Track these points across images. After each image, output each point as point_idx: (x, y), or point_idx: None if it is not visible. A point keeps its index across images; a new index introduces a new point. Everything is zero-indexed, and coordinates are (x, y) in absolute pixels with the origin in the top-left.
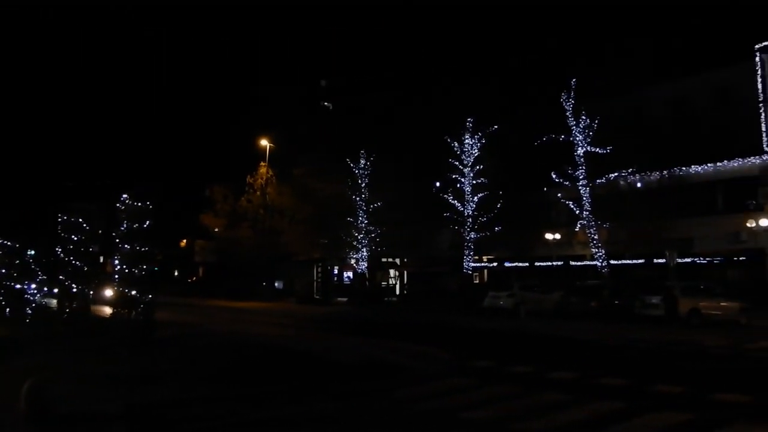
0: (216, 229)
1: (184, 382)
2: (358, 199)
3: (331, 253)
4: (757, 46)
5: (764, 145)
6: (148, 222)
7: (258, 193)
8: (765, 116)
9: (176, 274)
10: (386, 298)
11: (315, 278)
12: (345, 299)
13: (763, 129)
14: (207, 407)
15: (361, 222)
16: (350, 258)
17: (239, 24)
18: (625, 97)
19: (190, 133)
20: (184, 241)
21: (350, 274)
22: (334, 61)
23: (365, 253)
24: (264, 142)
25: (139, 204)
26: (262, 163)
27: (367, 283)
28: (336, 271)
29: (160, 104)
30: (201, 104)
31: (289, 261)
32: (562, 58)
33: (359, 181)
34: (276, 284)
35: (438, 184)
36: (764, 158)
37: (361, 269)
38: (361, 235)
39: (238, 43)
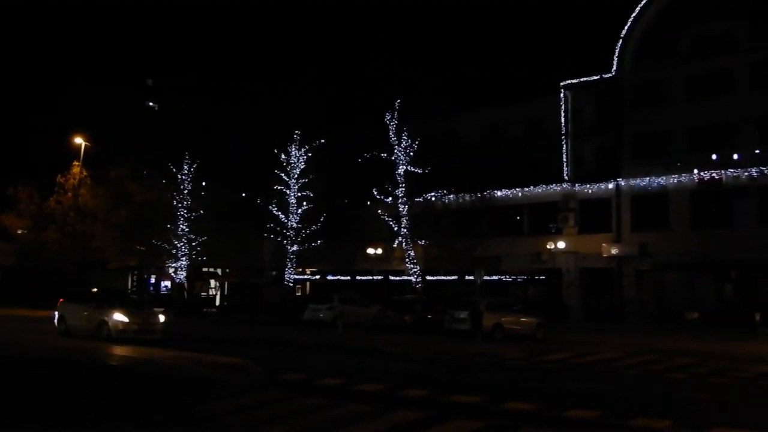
0: (19, 231)
1: None
2: (179, 205)
3: (147, 260)
4: (562, 83)
5: (565, 175)
6: None
7: (69, 194)
8: (567, 148)
9: None
10: (205, 309)
11: (130, 287)
12: (162, 309)
13: (565, 160)
14: None
15: (182, 229)
16: (168, 266)
17: (66, 18)
18: (444, 121)
19: None
20: None
21: (168, 283)
22: (163, 61)
23: (185, 262)
24: (79, 141)
25: None
26: (76, 163)
27: (185, 293)
28: (153, 280)
29: None
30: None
31: (101, 268)
32: (389, 78)
33: (181, 187)
34: None
35: (263, 194)
36: (565, 186)
37: (180, 279)
38: (181, 243)
39: (59, 38)
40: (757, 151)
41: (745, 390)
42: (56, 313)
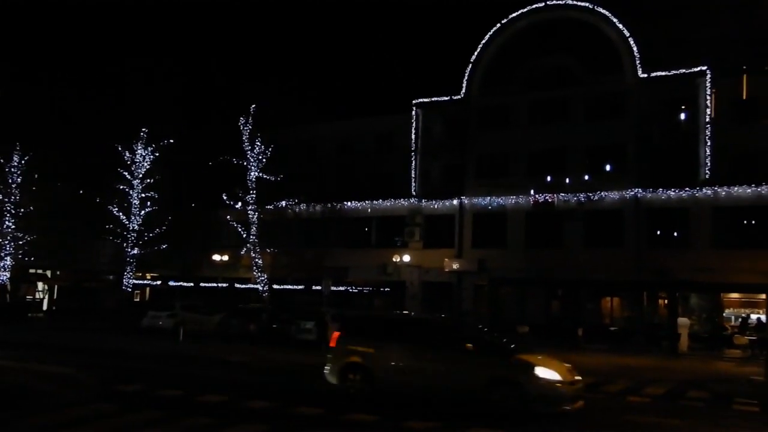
0: None
1: None
2: (5, 199)
3: None
4: (414, 101)
5: (413, 190)
6: None
7: None
8: (416, 164)
9: None
10: (30, 314)
11: None
12: None
13: (413, 176)
14: None
15: (7, 227)
16: None
17: None
18: (299, 130)
19: None
20: None
21: None
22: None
23: (9, 262)
24: None
25: None
26: None
27: (7, 296)
28: None
29: None
30: None
31: None
32: (247, 83)
33: (9, 180)
34: None
35: (103, 193)
36: (412, 201)
37: (2, 280)
38: (6, 241)
39: None
40: (586, 177)
41: None
42: None
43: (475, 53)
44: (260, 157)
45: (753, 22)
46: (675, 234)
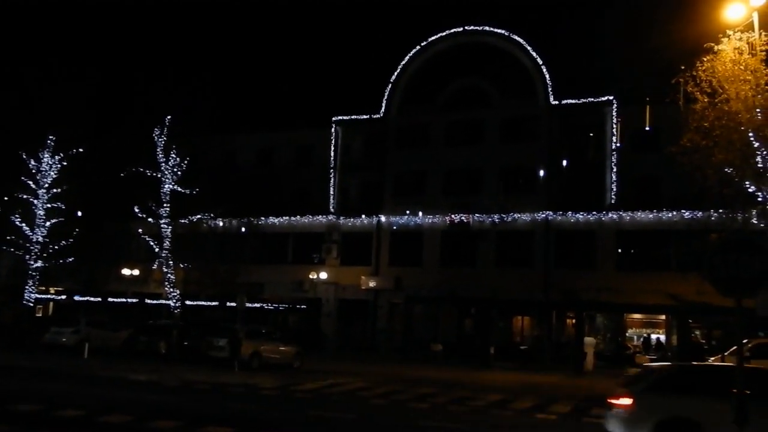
0: None
1: None
2: None
3: None
4: (334, 118)
5: (331, 207)
6: None
7: None
8: (335, 181)
9: None
10: None
11: None
12: None
13: (332, 192)
14: None
15: None
16: None
17: None
18: (217, 140)
19: None
20: None
21: None
22: None
23: None
24: None
25: None
26: None
27: None
28: None
29: None
30: None
31: None
32: (165, 90)
33: None
34: None
35: (3, 202)
36: (330, 218)
37: None
38: None
39: None
40: (500, 198)
41: (477, 416)
42: None
43: (395, 74)
44: (175, 170)
45: (659, 54)
46: (582, 255)
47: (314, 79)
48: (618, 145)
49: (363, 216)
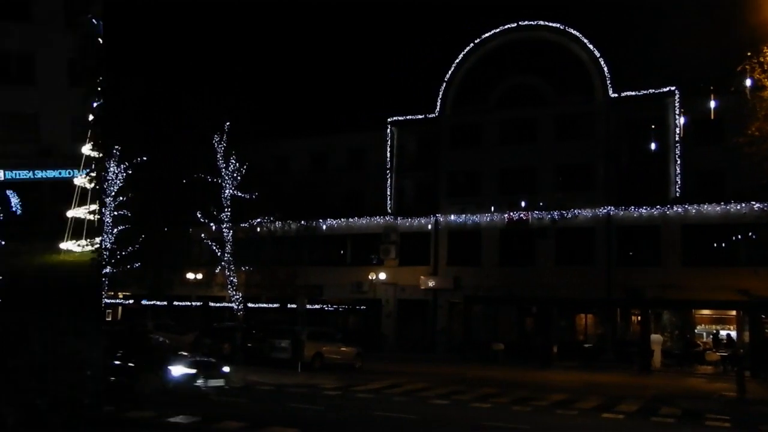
0: None
1: None
2: None
3: None
4: (389, 119)
5: (388, 208)
6: None
7: None
8: (390, 182)
9: None
10: None
11: None
12: None
13: (388, 193)
14: None
15: None
16: None
17: None
18: (272, 145)
19: None
20: None
21: None
22: None
23: None
24: None
25: None
26: None
27: None
28: None
29: None
30: None
31: None
32: (218, 100)
33: None
34: None
35: None
36: (387, 219)
37: None
38: None
39: None
40: (557, 196)
41: (542, 416)
42: None
43: (449, 72)
44: (235, 175)
45: (720, 42)
46: (646, 251)
47: (368, 81)
48: (681, 136)
49: (420, 216)
